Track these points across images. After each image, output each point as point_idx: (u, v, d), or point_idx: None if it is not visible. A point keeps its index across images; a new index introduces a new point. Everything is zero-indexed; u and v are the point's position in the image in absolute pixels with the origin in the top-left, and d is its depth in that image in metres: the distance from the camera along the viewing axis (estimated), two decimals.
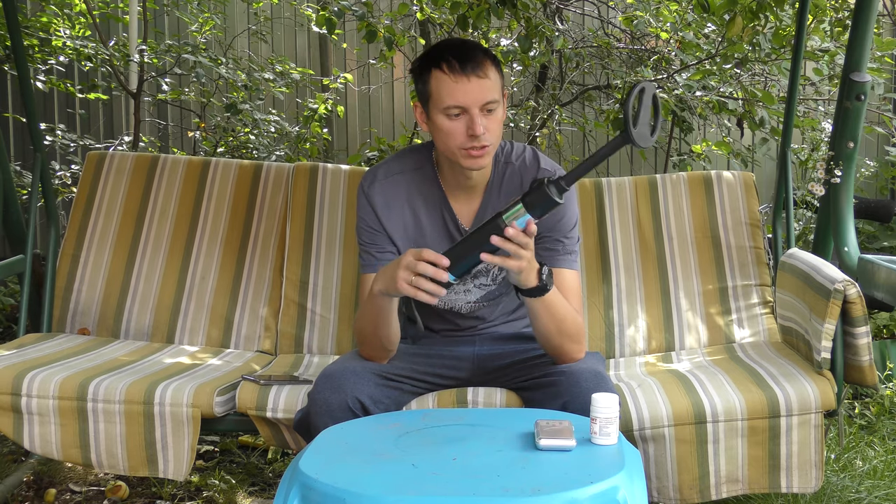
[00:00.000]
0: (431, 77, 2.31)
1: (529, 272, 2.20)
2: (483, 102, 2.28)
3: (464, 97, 2.27)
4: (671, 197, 3.16)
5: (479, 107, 2.28)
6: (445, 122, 2.30)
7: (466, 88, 2.27)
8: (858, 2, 3.14)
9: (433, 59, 2.31)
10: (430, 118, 2.34)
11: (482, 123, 2.28)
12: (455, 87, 2.27)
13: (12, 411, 2.59)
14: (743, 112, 4.37)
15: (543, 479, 1.75)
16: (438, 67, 2.29)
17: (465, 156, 2.31)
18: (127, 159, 3.31)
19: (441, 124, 2.31)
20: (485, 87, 2.28)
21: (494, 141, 2.34)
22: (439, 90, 2.29)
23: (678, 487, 2.44)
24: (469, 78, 2.27)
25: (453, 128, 2.29)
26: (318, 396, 2.28)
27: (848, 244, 3.15)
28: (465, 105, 2.27)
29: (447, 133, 2.31)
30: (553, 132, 5.06)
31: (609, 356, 3.00)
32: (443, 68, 2.28)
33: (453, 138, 2.30)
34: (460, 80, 2.27)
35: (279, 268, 3.16)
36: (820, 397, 2.44)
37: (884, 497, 2.92)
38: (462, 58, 2.28)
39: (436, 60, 2.30)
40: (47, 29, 4.98)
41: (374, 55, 5.33)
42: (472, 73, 2.27)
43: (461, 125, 2.29)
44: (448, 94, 2.28)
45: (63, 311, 3.16)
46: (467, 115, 2.28)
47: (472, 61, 2.28)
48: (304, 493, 1.77)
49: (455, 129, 2.29)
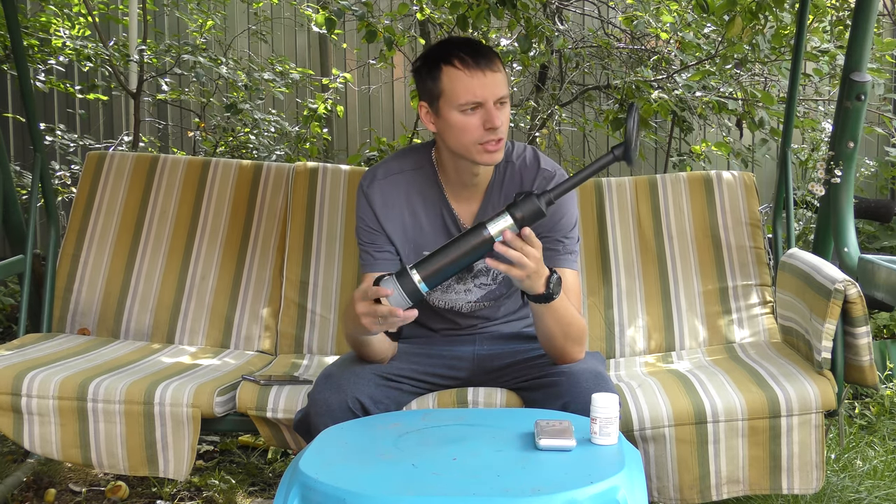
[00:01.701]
0: (443, 74, 2.31)
1: (536, 280, 2.20)
2: (498, 96, 2.30)
3: (481, 91, 2.28)
4: (671, 197, 3.16)
5: (495, 100, 2.29)
6: (460, 118, 2.30)
7: (483, 83, 2.28)
8: (858, 2, 3.14)
9: (443, 56, 2.32)
10: (441, 115, 2.33)
11: (500, 116, 2.29)
12: (471, 81, 2.28)
13: (12, 411, 2.59)
14: (742, 113, 4.37)
15: (543, 479, 1.75)
16: (450, 64, 2.30)
17: (481, 151, 2.32)
18: (127, 159, 3.31)
19: (455, 121, 2.31)
20: (498, 82, 2.30)
21: (506, 135, 2.36)
22: (453, 86, 2.29)
23: (678, 488, 2.44)
24: (484, 73, 2.28)
25: (469, 123, 2.30)
26: (318, 396, 2.28)
27: (848, 244, 3.15)
28: (482, 99, 2.28)
29: (462, 129, 2.31)
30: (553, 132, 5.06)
31: (609, 356, 3.00)
32: (455, 64, 2.29)
33: (469, 133, 2.30)
34: (476, 74, 2.28)
35: (279, 268, 3.16)
36: (820, 397, 2.44)
37: (884, 497, 2.92)
38: (475, 53, 2.30)
39: (446, 57, 2.31)
40: (47, 29, 4.98)
41: (374, 55, 5.33)
42: (486, 68, 2.29)
43: (477, 120, 2.29)
44: (464, 90, 2.28)
45: (63, 311, 3.15)
46: (483, 109, 2.29)
47: (485, 56, 2.30)
48: (304, 493, 1.77)
49: (471, 125, 2.30)
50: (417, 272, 2.10)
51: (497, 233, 2.10)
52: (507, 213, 2.11)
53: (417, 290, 2.10)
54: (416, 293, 2.10)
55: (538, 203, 2.11)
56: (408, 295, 2.10)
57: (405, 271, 2.11)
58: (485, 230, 2.10)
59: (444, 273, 2.12)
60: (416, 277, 2.10)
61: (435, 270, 2.11)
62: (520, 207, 2.10)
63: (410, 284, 2.10)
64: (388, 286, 2.10)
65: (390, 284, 2.10)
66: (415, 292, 2.10)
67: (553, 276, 2.22)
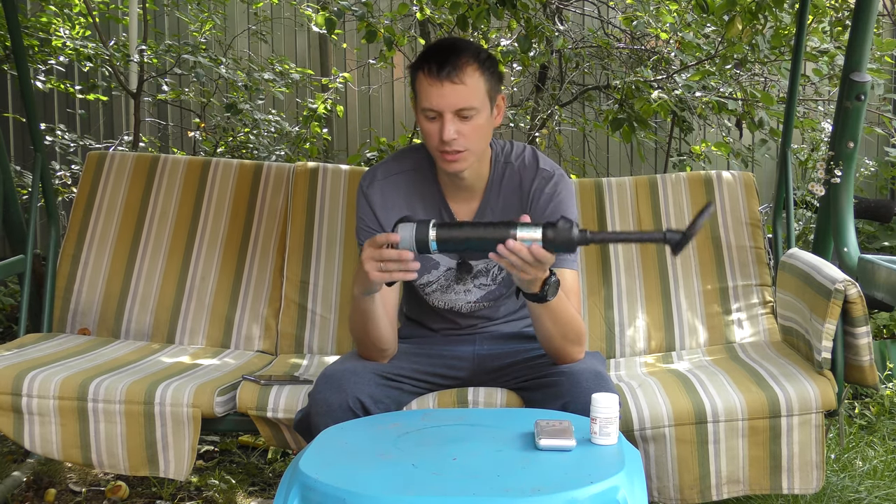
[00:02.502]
0: (416, 79, 2.35)
1: (534, 283, 2.20)
2: (456, 108, 2.30)
3: (437, 101, 2.30)
4: (671, 197, 3.16)
5: (453, 112, 2.30)
6: (425, 123, 2.35)
7: (441, 93, 2.29)
8: (858, 2, 3.14)
9: (419, 60, 2.35)
10: (417, 118, 2.39)
11: (454, 129, 2.29)
12: (430, 90, 2.30)
13: (12, 411, 2.59)
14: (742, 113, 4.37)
15: (543, 479, 1.75)
16: (420, 69, 2.33)
17: (440, 158, 2.35)
18: (127, 159, 3.31)
19: (422, 125, 2.36)
20: (459, 93, 2.29)
21: (472, 146, 2.34)
22: (420, 92, 2.34)
23: (679, 488, 2.44)
24: (443, 83, 2.29)
25: (430, 129, 2.33)
26: (318, 396, 2.28)
27: (848, 244, 3.15)
28: (438, 109, 2.30)
29: (426, 134, 2.35)
30: (553, 132, 5.06)
31: (609, 356, 3.00)
32: (423, 70, 2.32)
33: (430, 139, 2.35)
34: (434, 84, 2.30)
35: (279, 268, 3.16)
36: (820, 397, 2.44)
37: (884, 497, 2.92)
38: (441, 62, 2.29)
39: (419, 63, 2.34)
40: (47, 29, 4.98)
41: (373, 55, 5.33)
42: (446, 79, 2.28)
43: (436, 128, 2.32)
44: (424, 97, 2.32)
45: (63, 311, 3.15)
46: (441, 119, 2.31)
47: (451, 66, 2.29)
48: (304, 493, 1.77)
49: (431, 131, 2.33)
50: (437, 231, 2.12)
51: (522, 240, 2.10)
52: (541, 228, 2.09)
53: (427, 244, 2.12)
54: (425, 246, 2.12)
55: (574, 236, 2.09)
56: (417, 243, 2.12)
57: (425, 223, 2.13)
58: (512, 230, 2.10)
59: (457, 244, 2.14)
60: (432, 234, 2.12)
61: (451, 237, 2.13)
62: (556, 230, 2.08)
63: (424, 234, 2.12)
64: (403, 231, 2.12)
65: (406, 230, 2.12)
66: (424, 244, 2.12)
67: (551, 277, 2.22)
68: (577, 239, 2.09)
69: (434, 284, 2.50)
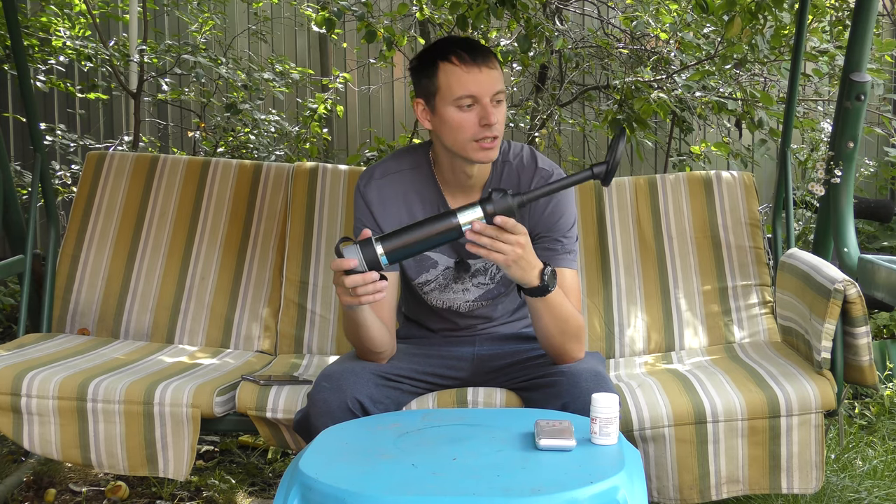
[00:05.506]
0: (439, 70, 2.32)
1: (527, 270, 2.19)
2: (494, 92, 2.31)
3: (476, 87, 2.29)
4: (671, 197, 3.16)
5: (490, 96, 2.30)
6: (456, 114, 2.31)
7: (479, 78, 2.29)
8: (858, 2, 3.14)
9: (440, 52, 2.33)
10: (437, 113, 2.34)
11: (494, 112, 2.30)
12: (467, 76, 2.29)
13: (12, 411, 2.59)
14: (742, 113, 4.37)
15: (543, 479, 1.75)
16: (447, 60, 2.31)
17: (476, 148, 2.32)
18: (127, 159, 3.31)
19: (451, 117, 2.31)
20: (494, 78, 2.31)
21: (501, 134, 2.35)
22: (449, 82, 2.30)
23: (678, 487, 2.44)
24: (480, 68, 2.30)
25: (465, 119, 2.30)
26: (317, 397, 2.28)
27: (848, 244, 3.15)
28: (477, 94, 2.29)
29: (458, 125, 2.31)
30: (552, 132, 5.06)
31: (609, 356, 3.00)
32: (452, 60, 2.30)
33: (464, 130, 2.31)
34: (472, 69, 2.29)
35: (279, 268, 3.16)
36: (820, 397, 2.44)
37: (884, 497, 2.92)
38: (471, 49, 2.31)
39: (443, 54, 2.32)
40: (47, 29, 4.98)
41: (373, 55, 5.33)
42: (482, 64, 2.30)
43: (473, 116, 2.30)
44: (460, 85, 2.29)
45: (63, 311, 3.15)
46: (479, 105, 2.30)
47: (481, 53, 2.32)
48: (304, 493, 1.77)
49: (467, 121, 2.30)
50: (381, 245, 2.12)
51: (465, 223, 2.12)
52: (478, 206, 2.13)
53: (378, 261, 2.11)
54: (377, 265, 2.12)
55: (511, 202, 2.12)
56: (368, 264, 2.11)
57: (369, 241, 2.12)
58: (453, 218, 2.12)
59: (407, 251, 2.14)
60: (380, 250, 2.11)
61: (398, 246, 2.12)
62: (492, 203, 2.12)
63: (371, 253, 2.11)
64: (351, 254, 2.11)
65: (353, 252, 2.12)
66: (375, 263, 2.11)
67: (547, 268, 2.22)
68: (517, 203, 2.12)
69: (432, 283, 2.50)
